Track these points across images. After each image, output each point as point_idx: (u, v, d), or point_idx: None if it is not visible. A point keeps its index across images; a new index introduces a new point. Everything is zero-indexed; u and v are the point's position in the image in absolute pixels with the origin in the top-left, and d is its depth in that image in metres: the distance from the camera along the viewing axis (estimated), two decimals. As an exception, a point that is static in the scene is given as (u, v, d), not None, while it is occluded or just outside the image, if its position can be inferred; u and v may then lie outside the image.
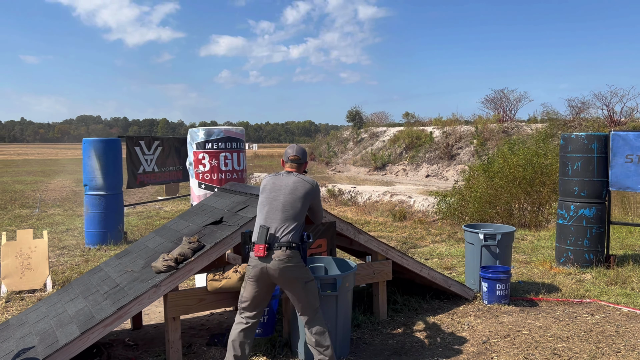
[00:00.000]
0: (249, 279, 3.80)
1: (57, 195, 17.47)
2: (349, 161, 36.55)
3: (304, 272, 3.82)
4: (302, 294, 3.82)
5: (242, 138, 5.98)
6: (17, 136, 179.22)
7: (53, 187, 20.63)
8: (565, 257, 7.25)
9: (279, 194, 3.89)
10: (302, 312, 3.89)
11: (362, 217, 13.14)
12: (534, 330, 4.89)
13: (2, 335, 4.34)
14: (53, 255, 8.23)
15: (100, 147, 8.82)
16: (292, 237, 3.75)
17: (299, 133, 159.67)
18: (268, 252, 3.70)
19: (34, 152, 69.97)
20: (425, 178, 30.64)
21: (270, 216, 3.83)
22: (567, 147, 7.29)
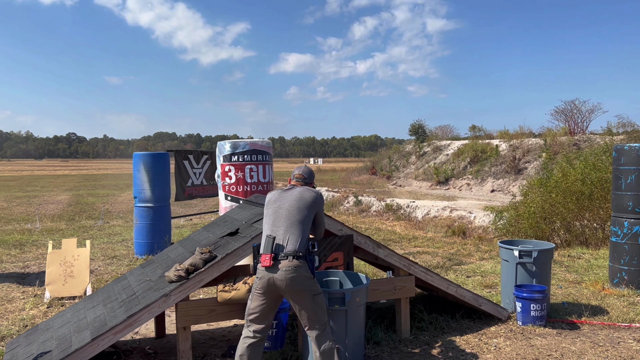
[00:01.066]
0: (255, 290, 3.76)
1: (123, 208, 18.33)
2: (410, 175, 36.03)
3: (311, 283, 3.74)
4: (309, 306, 3.73)
5: (268, 151, 6.01)
6: (99, 152, 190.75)
7: (121, 200, 21.67)
8: (619, 277, 6.72)
9: (284, 203, 3.85)
10: (310, 327, 3.79)
11: (411, 232, 12.85)
12: (567, 355, 4.54)
13: (29, 339, 4.55)
14: (102, 264, 8.61)
15: (148, 161, 9.18)
16: (298, 246, 3.69)
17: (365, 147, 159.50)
18: (274, 262, 3.64)
19: (113, 167, 74.03)
20: (490, 193, 29.61)
21: (276, 225, 3.79)
22: (619, 159, 6.79)
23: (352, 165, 46.15)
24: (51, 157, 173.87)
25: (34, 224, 13.98)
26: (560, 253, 9.24)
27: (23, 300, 6.50)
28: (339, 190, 26.72)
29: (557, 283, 7.07)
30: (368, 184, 32.71)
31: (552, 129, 31.98)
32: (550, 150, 28.13)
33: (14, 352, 4.37)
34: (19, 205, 19.49)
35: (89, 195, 24.36)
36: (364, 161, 44.64)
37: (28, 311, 6.01)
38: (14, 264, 8.75)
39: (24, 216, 15.94)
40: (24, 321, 5.64)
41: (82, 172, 56.77)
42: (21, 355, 4.20)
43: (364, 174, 39.57)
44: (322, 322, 3.79)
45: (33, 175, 49.62)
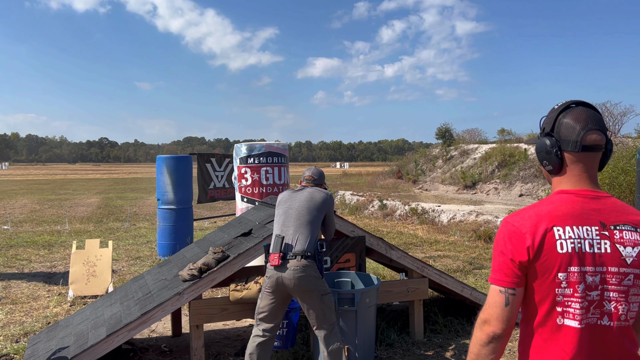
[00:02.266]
0: (265, 289, 3.80)
1: (150, 210, 18.67)
2: (437, 179, 35.73)
3: (320, 283, 3.76)
4: (317, 306, 3.76)
5: (284, 153, 6.08)
6: (131, 157, 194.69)
7: (149, 203, 22.07)
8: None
9: (294, 203, 3.89)
10: (318, 326, 3.82)
11: (434, 236, 12.77)
12: None
13: (49, 335, 4.70)
14: (126, 265, 8.80)
15: (171, 164, 9.35)
16: (307, 245, 3.72)
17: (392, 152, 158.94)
18: (283, 262, 3.68)
19: (144, 171, 75.42)
20: (518, 197, 29.14)
21: (285, 225, 3.83)
22: (643, 161, 6.64)
23: (378, 170, 46.00)
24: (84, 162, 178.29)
25: (63, 225, 14.37)
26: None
27: (48, 298, 6.70)
28: (364, 194, 26.68)
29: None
30: (394, 188, 32.58)
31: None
32: (581, 153, 27.54)
33: (35, 348, 4.52)
34: (51, 208, 20.04)
35: (118, 199, 24.89)
36: (390, 165, 44.44)
37: (52, 309, 6.20)
38: (41, 263, 9.02)
39: (54, 218, 16.39)
40: (47, 318, 5.82)
41: (113, 176, 58.04)
42: (41, 351, 4.34)
43: (390, 178, 39.43)
44: (330, 322, 3.81)
45: (66, 178, 50.95)
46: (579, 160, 1.62)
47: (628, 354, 1.54)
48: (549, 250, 1.52)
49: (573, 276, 1.50)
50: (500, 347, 1.57)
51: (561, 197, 1.60)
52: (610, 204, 1.59)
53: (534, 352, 1.57)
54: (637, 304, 1.54)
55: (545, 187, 29.00)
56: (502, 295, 1.55)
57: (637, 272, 1.53)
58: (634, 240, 1.55)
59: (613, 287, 1.52)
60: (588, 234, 1.53)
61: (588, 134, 1.59)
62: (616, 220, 1.57)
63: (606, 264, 1.52)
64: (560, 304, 1.52)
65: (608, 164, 11.55)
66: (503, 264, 1.57)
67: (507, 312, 1.54)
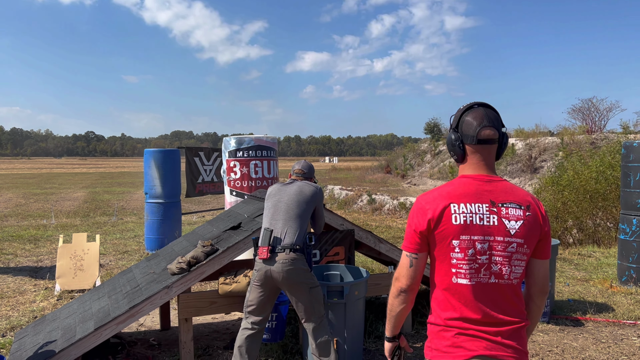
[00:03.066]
0: (253, 282, 3.80)
1: (137, 205, 18.56)
2: (425, 174, 35.89)
3: (308, 276, 3.77)
4: (306, 299, 3.77)
5: (273, 147, 6.07)
6: (117, 151, 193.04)
7: (136, 197, 21.93)
8: (627, 275, 6.66)
9: (284, 197, 3.88)
10: (307, 319, 3.83)
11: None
12: (568, 351, 4.52)
13: (36, 329, 4.67)
14: (113, 259, 8.75)
15: (159, 158, 9.29)
16: (295, 239, 3.72)
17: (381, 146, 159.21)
18: (272, 255, 3.68)
19: (131, 165, 74.86)
20: (505, 192, 29.39)
21: (274, 218, 3.82)
22: (628, 156, 6.72)
23: (367, 164, 46.08)
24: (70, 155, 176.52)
25: (49, 220, 14.24)
26: (571, 251, 9.17)
27: (34, 292, 6.64)
28: (353, 189, 26.73)
29: (565, 281, 7.02)
30: (382, 183, 32.65)
31: (569, 127, 31.60)
32: (567, 149, 27.81)
33: (21, 342, 4.49)
34: (36, 202, 19.84)
35: (104, 193, 24.70)
36: (379, 160, 44.51)
37: (38, 303, 6.15)
38: (27, 258, 8.93)
39: (40, 212, 16.23)
40: (33, 312, 5.77)
41: (100, 170, 57.55)
42: (28, 345, 4.31)
43: (379, 172, 39.50)
44: (319, 314, 3.82)
45: (52, 172, 50.44)
46: (476, 151, 1.95)
47: (512, 306, 1.88)
48: (445, 222, 1.86)
49: (464, 243, 1.85)
50: (408, 298, 1.98)
51: (461, 180, 1.95)
52: (501, 186, 1.93)
53: (438, 304, 1.92)
54: (520, 267, 1.88)
55: (533, 182, 29.27)
56: (408, 258, 1.94)
57: (520, 241, 1.87)
58: (517, 216, 1.88)
59: (499, 253, 1.86)
60: (479, 210, 1.87)
61: (482, 130, 1.93)
62: (504, 199, 1.90)
63: (493, 234, 1.86)
64: (454, 266, 1.87)
65: (593, 159, 11.68)
66: (409, 233, 1.95)
67: (412, 272, 1.94)
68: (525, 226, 1.88)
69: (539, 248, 1.93)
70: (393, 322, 2.06)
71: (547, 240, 1.95)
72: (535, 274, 1.96)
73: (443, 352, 1.88)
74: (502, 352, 1.84)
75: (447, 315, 1.89)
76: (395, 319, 2.05)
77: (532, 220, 1.90)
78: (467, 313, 1.86)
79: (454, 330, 1.88)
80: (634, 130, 26.99)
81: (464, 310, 1.87)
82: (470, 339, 1.85)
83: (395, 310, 2.02)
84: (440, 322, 1.92)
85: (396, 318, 2.04)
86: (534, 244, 1.91)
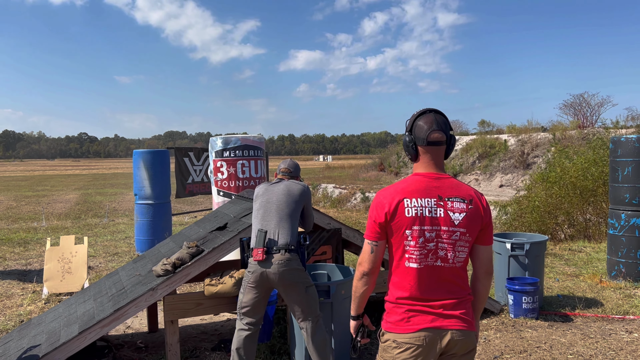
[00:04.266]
0: (248, 284, 3.75)
1: (129, 206, 18.48)
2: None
3: (304, 276, 3.74)
4: (302, 299, 3.74)
5: (260, 146, 6.03)
6: (111, 152, 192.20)
7: (129, 199, 21.84)
8: (616, 270, 6.67)
9: (272, 197, 3.85)
10: (303, 319, 3.78)
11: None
12: (556, 346, 4.52)
13: (21, 334, 4.62)
14: (103, 261, 8.70)
15: (148, 159, 9.24)
16: (290, 239, 3.69)
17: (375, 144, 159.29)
18: (267, 256, 3.65)
19: (124, 167, 74.58)
20: (498, 188, 29.44)
21: (266, 219, 3.79)
22: (616, 151, 6.73)
23: (361, 162, 46.06)
24: (63, 157, 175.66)
25: (40, 222, 14.14)
26: (562, 247, 9.18)
27: (22, 296, 6.59)
28: (346, 187, 26.72)
29: (555, 276, 7.03)
30: (376, 180, 32.64)
31: (561, 123, 31.69)
32: (559, 144, 27.88)
33: (6, 347, 4.44)
34: (28, 205, 19.72)
35: (97, 194, 24.59)
36: (373, 158, 44.48)
37: (26, 307, 6.10)
38: (16, 261, 8.86)
39: (31, 215, 16.13)
40: (20, 317, 5.72)
41: (93, 172, 57.29)
42: (13, 349, 4.26)
43: (372, 170, 39.49)
44: (315, 314, 3.80)
45: (44, 175, 50.16)
46: (427, 152, 2.22)
47: (455, 286, 2.16)
48: (400, 215, 2.13)
49: (415, 232, 2.12)
50: (370, 280, 2.24)
51: (414, 177, 2.22)
52: (448, 183, 2.20)
53: (393, 284, 2.20)
54: (463, 253, 2.16)
55: (525, 178, 29.32)
56: (369, 245, 2.20)
57: (462, 231, 2.14)
58: (461, 209, 2.15)
59: (445, 240, 2.13)
60: (428, 204, 2.14)
61: (432, 133, 2.19)
62: (450, 194, 2.17)
63: (440, 224, 2.13)
64: (407, 252, 2.13)
65: (580, 156, 11.69)
66: (370, 224, 2.21)
67: (372, 257, 2.20)
68: (467, 217, 2.15)
69: (481, 236, 2.21)
70: (357, 302, 2.32)
71: (489, 228, 2.22)
72: (480, 258, 2.23)
73: (394, 325, 2.16)
74: (447, 322, 2.12)
75: (399, 294, 2.17)
76: (359, 299, 2.31)
77: (474, 212, 2.17)
78: (415, 292, 2.14)
79: (404, 307, 2.15)
80: (625, 125, 27.08)
81: (413, 290, 2.14)
82: (417, 315, 2.13)
83: (359, 291, 2.28)
84: (393, 300, 2.19)
85: (360, 298, 2.31)
86: (476, 233, 2.18)
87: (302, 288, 3.72)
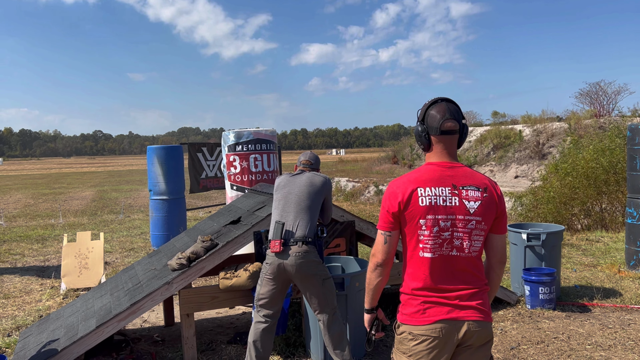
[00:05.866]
0: (265, 276, 3.75)
1: (145, 202, 18.63)
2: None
3: (321, 268, 3.74)
4: (319, 291, 3.73)
5: (272, 140, 6.03)
6: (125, 149, 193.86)
7: (144, 195, 22.02)
8: (635, 260, 6.58)
9: (294, 188, 3.83)
10: (320, 311, 3.78)
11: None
12: (574, 337, 4.47)
13: (40, 328, 4.68)
14: (119, 257, 8.78)
15: (162, 154, 9.29)
16: (307, 231, 3.69)
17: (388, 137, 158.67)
18: (284, 248, 3.64)
19: (139, 163, 75.15)
20: (514, 179, 29.19)
21: (286, 210, 3.78)
22: (634, 139, 6.62)
23: (374, 155, 45.93)
24: (79, 155, 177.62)
25: (57, 219, 14.32)
26: (579, 237, 9.08)
27: (41, 292, 6.68)
28: (360, 180, 26.68)
29: (572, 267, 6.96)
30: (389, 173, 32.54)
31: (577, 112, 31.25)
32: (575, 134, 27.50)
33: (26, 341, 4.51)
34: (45, 202, 19.97)
35: (112, 191, 24.83)
36: (386, 150, 44.33)
37: (44, 302, 6.18)
38: (35, 257, 8.99)
39: (48, 212, 16.33)
40: (39, 312, 5.80)
41: (108, 169, 57.86)
42: (32, 344, 4.33)
43: (386, 163, 39.34)
44: (332, 306, 3.80)
45: (61, 172, 50.78)
46: (440, 141, 2.19)
47: (471, 276, 2.13)
48: (413, 204, 2.10)
49: (429, 222, 2.10)
50: (384, 272, 2.22)
51: (427, 167, 2.20)
52: (462, 172, 2.18)
53: (408, 275, 2.17)
54: (479, 242, 2.14)
55: (540, 169, 29.00)
56: (382, 236, 2.19)
57: (478, 219, 2.12)
58: (475, 197, 2.13)
59: (460, 229, 2.11)
60: (442, 193, 2.11)
61: (445, 122, 2.16)
62: (464, 183, 2.15)
63: (455, 213, 2.11)
64: (421, 242, 2.11)
65: (589, 149, 11.50)
66: (383, 214, 2.19)
67: (386, 248, 2.18)
68: (482, 206, 2.13)
69: (495, 224, 2.19)
70: (371, 294, 2.30)
71: (503, 217, 2.20)
72: (494, 247, 2.22)
73: (410, 317, 2.13)
74: (463, 313, 2.10)
75: (414, 285, 2.14)
76: (373, 291, 2.28)
77: (489, 200, 2.15)
78: (430, 283, 2.11)
79: (419, 299, 2.12)
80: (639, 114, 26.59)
81: (428, 280, 2.11)
82: (433, 306, 2.11)
83: (373, 283, 2.26)
84: (408, 292, 2.16)
85: (374, 291, 2.28)
86: (491, 221, 2.16)
87: (319, 280, 3.71)
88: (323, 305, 3.77)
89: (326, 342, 3.81)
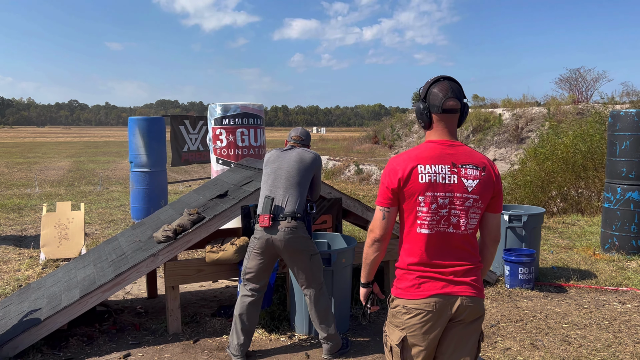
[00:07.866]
0: (253, 250, 3.76)
1: (123, 174, 18.39)
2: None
3: (309, 244, 3.77)
4: (307, 266, 3.76)
5: (259, 114, 5.98)
6: (102, 120, 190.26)
7: (122, 167, 21.72)
8: (610, 243, 6.76)
9: (284, 164, 3.83)
10: (307, 286, 3.82)
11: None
12: (551, 316, 4.60)
13: (21, 298, 4.63)
14: (99, 228, 8.69)
15: (144, 126, 9.14)
16: (297, 207, 3.70)
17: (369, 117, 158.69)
18: (273, 223, 3.65)
19: (116, 135, 73.95)
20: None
21: (275, 186, 3.77)
22: (615, 125, 6.74)
23: (355, 135, 45.92)
24: (53, 124, 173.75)
25: (33, 189, 14.06)
26: (556, 220, 9.27)
27: (19, 261, 6.58)
28: (340, 159, 26.70)
29: (550, 249, 7.12)
30: (370, 153, 32.64)
31: (557, 97, 31.61)
32: (554, 119, 27.86)
33: (6, 310, 4.45)
34: (20, 171, 19.57)
35: (89, 162, 24.43)
36: (367, 130, 44.33)
37: (23, 272, 6.10)
38: (11, 227, 8.84)
39: (23, 181, 16.02)
40: (18, 281, 5.73)
41: (84, 140, 56.81)
42: (13, 313, 4.28)
43: (366, 142, 39.38)
44: (319, 281, 3.83)
45: (35, 142, 49.69)
46: (441, 120, 2.21)
47: (466, 253, 2.18)
48: (413, 181, 2.13)
49: (428, 199, 2.13)
50: (381, 247, 2.25)
51: (427, 145, 2.23)
52: (462, 150, 2.20)
53: (404, 251, 2.21)
54: (475, 220, 2.18)
55: (519, 152, 29.37)
56: (381, 212, 2.21)
57: (476, 197, 2.15)
58: (474, 175, 2.16)
59: (458, 207, 2.15)
60: (442, 170, 2.14)
61: (447, 101, 2.18)
62: (464, 161, 2.17)
63: (454, 191, 2.14)
64: (419, 218, 2.15)
65: (568, 134, 11.70)
66: (382, 190, 2.22)
67: (384, 224, 2.21)
68: (480, 184, 2.16)
69: (492, 203, 2.22)
70: (368, 269, 2.34)
71: (500, 196, 2.24)
72: (489, 226, 2.26)
73: (405, 291, 2.18)
74: (457, 288, 2.15)
75: (410, 261, 2.18)
76: (370, 266, 2.32)
77: (487, 180, 2.18)
78: (426, 258, 2.16)
79: (415, 274, 2.16)
80: (619, 101, 27.04)
81: (424, 256, 2.16)
82: (428, 281, 2.15)
83: (370, 258, 2.29)
84: (404, 266, 2.20)
85: (370, 265, 2.32)
86: (487, 200, 2.20)
87: (307, 256, 3.74)
88: (310, 281, 3.80)
89: (312, 317, 3.86)
